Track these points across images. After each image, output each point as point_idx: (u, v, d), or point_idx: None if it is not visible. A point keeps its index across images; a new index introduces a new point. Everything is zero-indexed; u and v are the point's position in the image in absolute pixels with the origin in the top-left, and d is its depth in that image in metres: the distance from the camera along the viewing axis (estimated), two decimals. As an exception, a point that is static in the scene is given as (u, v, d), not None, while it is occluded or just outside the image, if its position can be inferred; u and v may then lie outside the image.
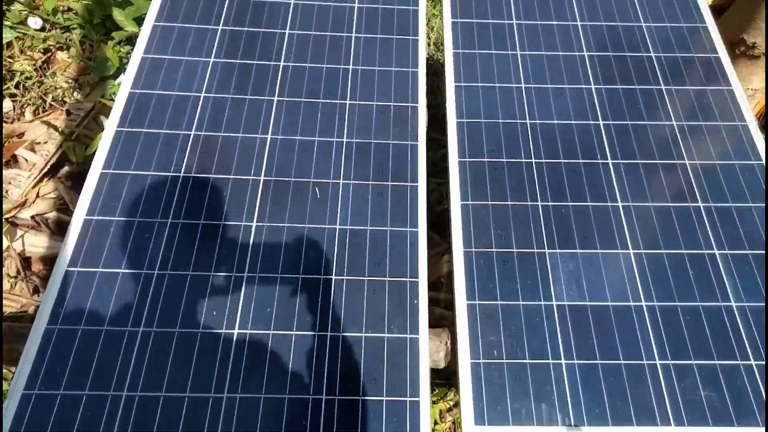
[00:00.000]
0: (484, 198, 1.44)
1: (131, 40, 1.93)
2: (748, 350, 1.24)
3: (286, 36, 1.70)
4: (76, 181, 1.65)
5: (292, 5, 1.77)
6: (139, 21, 1.88)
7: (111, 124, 1.46)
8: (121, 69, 1.87)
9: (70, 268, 1.25)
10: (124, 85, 1.53)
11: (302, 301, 1.26)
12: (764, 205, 1.43)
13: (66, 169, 1.67)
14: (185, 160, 1.44)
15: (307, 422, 1.12)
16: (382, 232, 1.37)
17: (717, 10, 1.90)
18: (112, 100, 1.81)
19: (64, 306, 1.21)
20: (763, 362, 1.22)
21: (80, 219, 1.31)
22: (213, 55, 1.63)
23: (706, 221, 1.41)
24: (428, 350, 1.23)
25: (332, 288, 1.28)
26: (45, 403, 1.10)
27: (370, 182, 1.44)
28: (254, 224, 1.35)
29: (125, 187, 1.38)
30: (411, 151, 1.50)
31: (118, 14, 1.81)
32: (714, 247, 1.37)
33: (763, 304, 1.30)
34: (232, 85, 1.58)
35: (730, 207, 1.43)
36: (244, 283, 1.27)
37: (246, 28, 1.70)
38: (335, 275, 1.30)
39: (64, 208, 1.63)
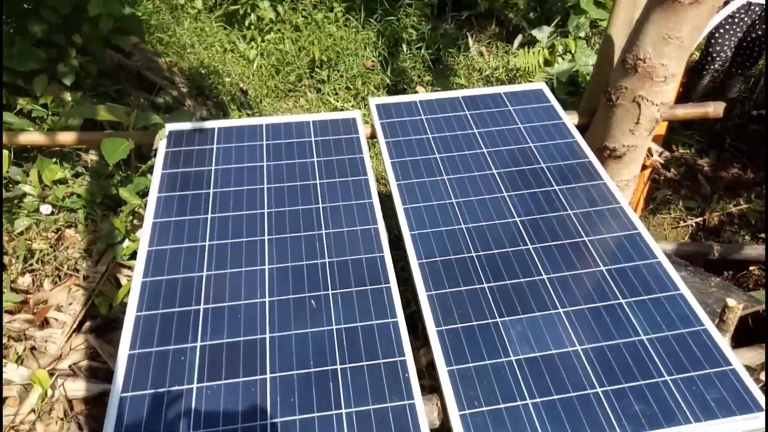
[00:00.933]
0: (443, 287, 1.82)
1: (132, 212, 2.30)
2: (662, 370, 1.60)
3: (266, 190, 2.12)
4: (101, 332, 1.89)
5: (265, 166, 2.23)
6: (141, 194, 2.26)
7: (137, 277, 1.78)
8: (127, 236, 2.21)
9: (123, 394, 1.49)
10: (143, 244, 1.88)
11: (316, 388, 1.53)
12: (653, 260, 1.89)
13: (88, 323, 1.91)
14: (203, 293, 1.75)
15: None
16: (370, 326, 1.70)
17: (582, 128, 2.53)
18: (123, 259, 2.13)
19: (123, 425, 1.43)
20: (676, 376, 1.59)
21: (125, 353, 1.57)
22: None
23: (609, 279, 1.84)
24: (425, 412, 1.51)
25: (339, 375, 1.57)
26: None
27: (353, 288, 1.80)
28: (268, 335, 1.65)
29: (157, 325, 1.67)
30: (380, 261, 1.89)
31: (123, 191, 2.19)
32: (620, 297, 1.79)
33: (666, 333, 1.69)
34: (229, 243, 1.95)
35: (624, 267, 1.87)
36: (267, 383, 1.54)
37: (233, 188, 2.12)
38: (339, 365, 1.60)
39: (94, 355, 1.84)
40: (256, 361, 1.59)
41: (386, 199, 3.24)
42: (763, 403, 1.51)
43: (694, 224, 4.01)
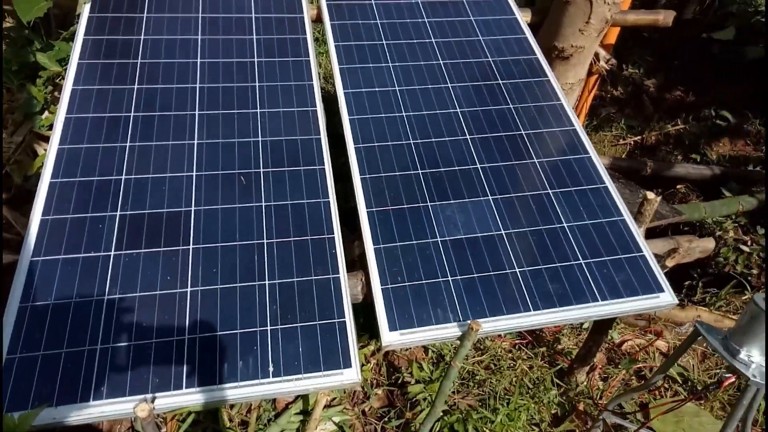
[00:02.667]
0: (378, 172, 1.78)
1: (51, 80, 2.10)
2: (578, 254, 1.66)
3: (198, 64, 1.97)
4: (15, 204, 1.78)
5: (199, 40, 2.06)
6: (62, 62, 2.06)
7: (54, 143, 1.65)
8: (46, 106, 2.03)
9: (34, 258, 1.42)
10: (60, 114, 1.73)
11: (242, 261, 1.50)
12: (585, 155, 1.90)
13: (3, 195, 1.79)
14: (125, 165, 1.65)
15: (257, 347, 1.36)
16: (300, 205, 1.66)
17: (534, 28, 2.45)
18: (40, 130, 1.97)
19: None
20: (590, 260, 1.65)
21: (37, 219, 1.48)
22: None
23: (540, 171, 1.85)
24: (348, 285, 1.52)
25: (265, 249, 1.54)
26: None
27: (286, 168, 1.73)
28: (193, 208, 1.59)
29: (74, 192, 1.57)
30: (316, 143, 1.82)
31: (42, 57, 1.98)
32: (548, 187, 1.81)
33: (587, 222, 1.74)
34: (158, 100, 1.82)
35: (556, 160, 1.88)
36: (190, 254, 1.50)
37: (162, 60, 1.95)
38: (266, 239, 1.57)
39: (7, 227, 1.74)
40: (179, 232, 1.54)
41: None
42: (665, 285, 1.59)
43: (632, 142, 4.09)
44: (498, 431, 1.72)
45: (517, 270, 1.60)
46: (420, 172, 1.79)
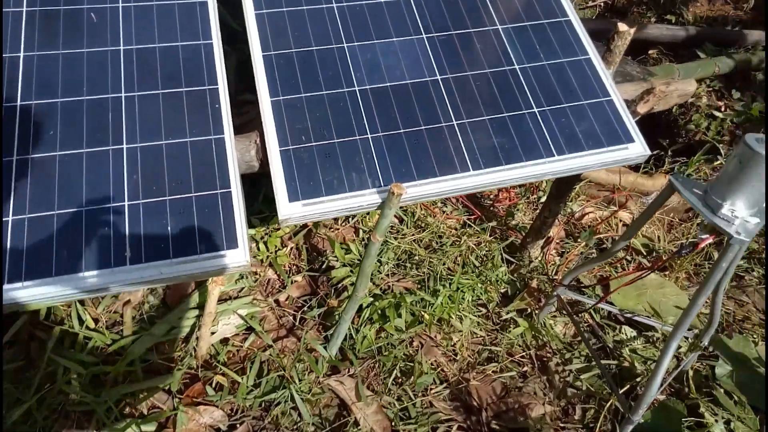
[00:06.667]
0: (280, 6, 1.36)
1: None
2: (531, 101, 1.31)
3: None
4: None
5: None
6: None
7: None
8: None
9: None
10: None
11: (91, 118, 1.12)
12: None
13: None
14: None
15: (110, 228, 1.03)
16: (173, 48, 1.25)
17: None
18: None
19: None
20: (546, 108, 1.31)
21: None
22: None
23: (488, 3, 1.45)
24: (236, 148, 1.17)
25: (123, 101, 1.15)
26: None
27: (155, 2, 1.30)
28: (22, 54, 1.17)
29: None
30: (195, -31, 1.37)
31: None
32: (497, 22, 1.42)
33: (543, 62, 1.38)
34: None
35: (507, -13, 1.48)
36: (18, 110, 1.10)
37: None
38: (125, 93, 1.17)
39: None
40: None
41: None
42: (635, 134, 1.28)
43: (602, 4, 3.64)
44: (438, 314, 1.48)
45: (455, 122, 1.26)
46: (334, 5, 1.37)
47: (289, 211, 1.11)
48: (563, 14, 1.44)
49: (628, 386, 1.44)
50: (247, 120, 1.58)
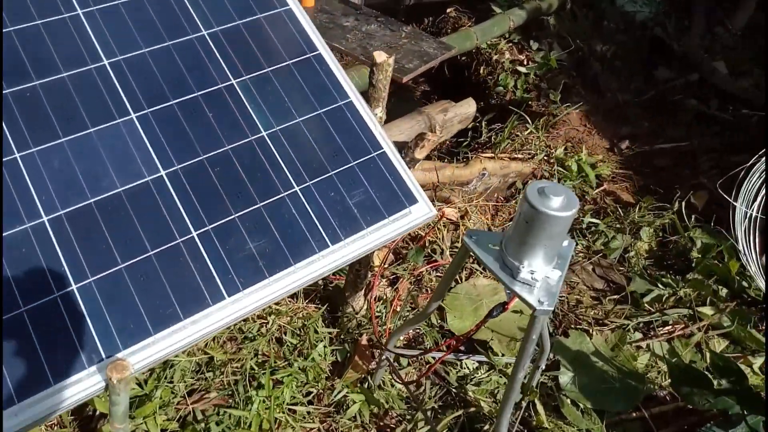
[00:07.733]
0: None
1: None
2: (290, 177, 1.05)
3: None
4: None
5: None
6: None
7: None
8: None
9: None
10: None
11: None
12: (281, 7, 1.21)
13: None
14: None
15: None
16: None
17: None
18: None
19: None
20: (309, 182, 1.07)
21: None
22: None
23: (214, 50, 1.12)
24: None
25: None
26: None
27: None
28: None
29: None
30: None
31: None
32: (230, 76, 1.12)
33: (297, 119, 1.11)
34: None
35: (235, 25, 1.16)
36: None
37: None
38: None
39: None
40: None
41: None
42: (416, 192, 1.09)
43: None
44: (256, 429, 1.24)
45: (194, 233, 0.97)
46: (-11, 96, 0.97)
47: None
48: (311, 48, 1.18)
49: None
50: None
